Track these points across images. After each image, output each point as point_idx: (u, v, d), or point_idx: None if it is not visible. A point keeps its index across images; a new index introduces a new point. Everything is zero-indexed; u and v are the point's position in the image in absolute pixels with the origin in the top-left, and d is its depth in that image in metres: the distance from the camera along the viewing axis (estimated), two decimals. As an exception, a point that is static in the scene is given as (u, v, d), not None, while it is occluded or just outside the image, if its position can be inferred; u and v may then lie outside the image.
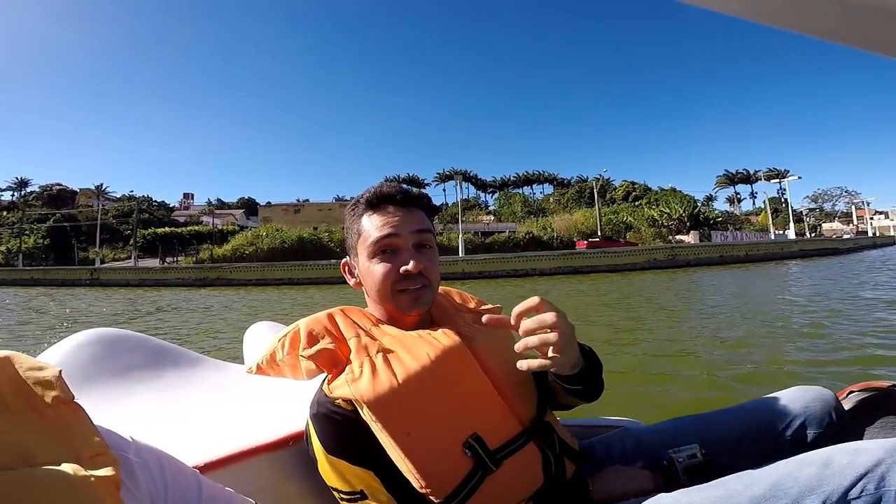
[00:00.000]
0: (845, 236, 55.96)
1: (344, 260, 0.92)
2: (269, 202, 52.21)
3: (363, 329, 0.82)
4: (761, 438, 0.90)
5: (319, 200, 55.16)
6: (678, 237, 37.31)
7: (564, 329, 0.71)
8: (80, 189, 64.00)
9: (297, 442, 0.86)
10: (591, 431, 1.08)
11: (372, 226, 0.83)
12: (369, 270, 0.83)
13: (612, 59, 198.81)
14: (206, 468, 0.73)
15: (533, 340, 0.71)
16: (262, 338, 1.32)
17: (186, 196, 78.16)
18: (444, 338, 0.80)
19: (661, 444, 0.92)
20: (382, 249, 0.82)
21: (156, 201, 67.61)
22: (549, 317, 0.71)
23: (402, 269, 0.81)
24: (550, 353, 0.71)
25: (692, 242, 33.01)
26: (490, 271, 25.30)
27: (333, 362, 0.76)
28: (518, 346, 0.72)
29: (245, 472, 0.78)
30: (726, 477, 0.71)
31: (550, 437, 0.83)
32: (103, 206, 49.35)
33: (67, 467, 0.36)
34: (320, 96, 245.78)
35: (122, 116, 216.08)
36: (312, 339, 0.79)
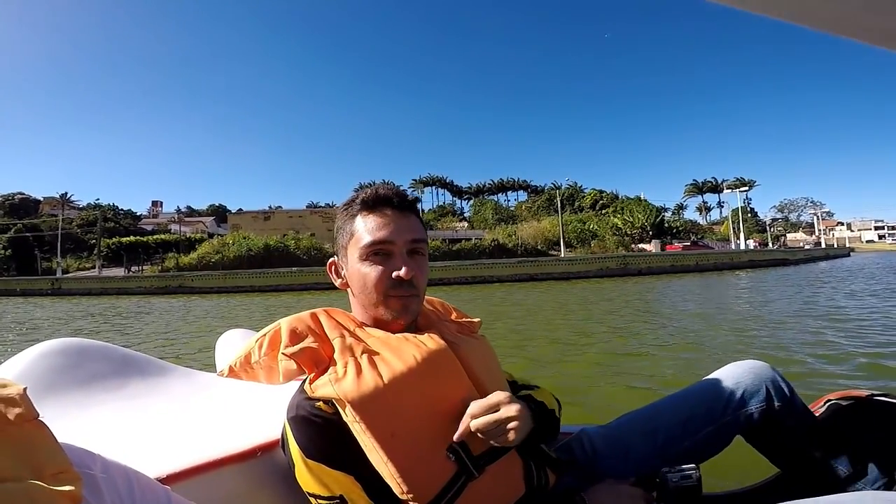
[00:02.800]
0: (806, 246, 57.94)
1: (331, 259, 0.90)
2: (240, 209, 51.72)
3: (348, 330, 0.81)
4: (706, 420, 0.93)
5: (292, 207, 55.03)
6: (640, 245, 38.45)
7: (520, 424, 0.72)
8: (44, 198, 62.55)
9: (266, 452, 0.84)
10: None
11: (366, 227, 0.81)
12: (359, 272, 0.81)
13: (591, 69, 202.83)
14: (171, 479, 0.71)
15: (492, 434, 0.72)
16: (234, 345, 1.32)
17: (155, 204, 77.51)
18: (430, 341, 0.79)
19: (616, 445, 0.95)
20: (375, 252, 0.80)
21: (122, 210, 66.78)
22: (510, 411, 0.72)
23: (395, 274, 0.79)
24: (507, 440, 0.73)
25: (653, 251, 34.18)
26: (450, 278, 25.87)
27: (316, 362, 0.75)
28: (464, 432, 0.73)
29: (213, 484, 0.76)
30: None
31: (532, 446, 0.82)
32: (68, 215, 48.52)
33: (28, 485, 0.36)
34: (295, 103, 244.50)
35: (88, 123, 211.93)
36: (295, 337, 0.77)
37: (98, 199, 63.42)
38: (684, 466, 0.83)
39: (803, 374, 3.89)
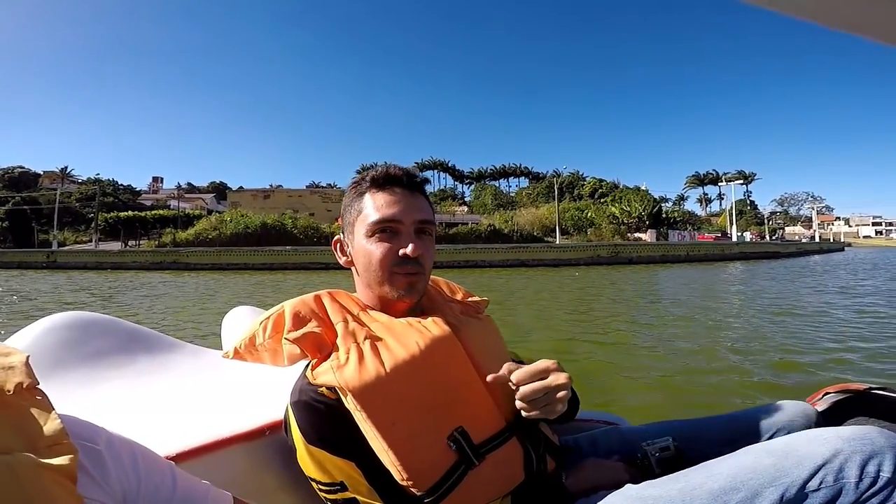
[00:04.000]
0: (803, 240, 57.85)
1: (337, 237, 0.89)
2: (241, 187, 51.73)
3: (351, 314, 0.80)
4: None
5: (293, 187, 54.94)
6: (636, 235, 38.50)
7: (569, 394, 0.72)
8: (44, 172, 62.56)
9: (274, 431, 0.83)
10: (573, 425, 1.07)
11: (375, 205, 0.81)
12: (365, 249, 0.81)
13: (600, 58, 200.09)
14: (180, 458, 0.70)
15: (539, 402, 0.71)
16: (241, 323, 1.31)
17: (156, 180, 77.37)
18: (433, 327, 0.78)
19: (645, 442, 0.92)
20: (383, 229, 0.80)
21: (122, 185, 66.57)
22: (559, 379, 0.71)
23: (401, 251, 0.79)
24: (554, 410, 0.71)
25: (648, 240, 34.31)
26: (442, 261, 25.92)
27: (319, 347, 0.74)
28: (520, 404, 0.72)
29: (220, 462, 0.76)
30: (690, 468, 0.72)
31: (533, 433, 0.82)
32: (67, 189, 48.49)
33: (16, 457, 0.35)
34: (300, 85, 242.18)
35: (91, 100, 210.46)
36: (299, 321, 0.76)
37: (98, 174, 63.57)
38: (661, 439, 0.85)
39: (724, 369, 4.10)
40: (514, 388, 0.72)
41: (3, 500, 0.33)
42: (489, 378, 0.73)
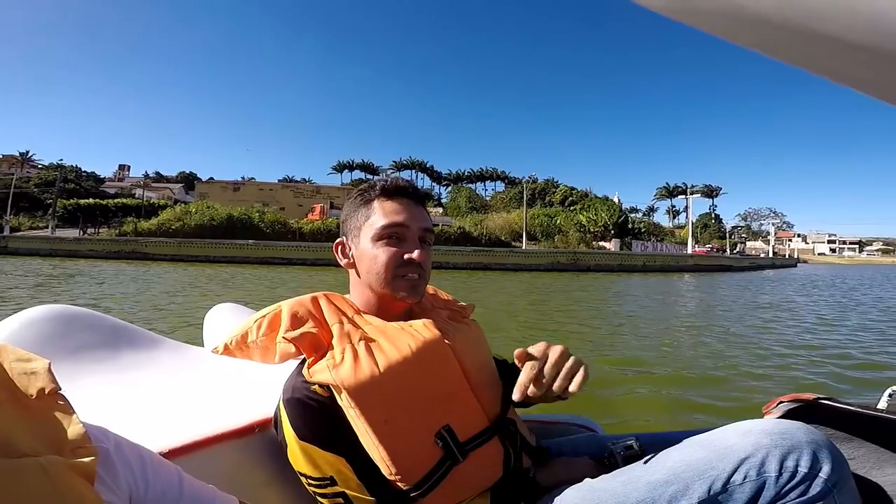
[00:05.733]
0: (761, 255, 60.21)
1: (339, 240, 0.92)
2: (211, 178, 50.89)
3: (346, 316, 0.83)
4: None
5: (265, 180, 54.24)
6: (601, 243, 39.56)
7: (585, 368, 0.75)
8: (3, 156, 60.11)
9: (263, 429, 0.84)
10: (548, 427, 1.11)
11: (384, 211, 0.85)
12: (372, 252, 0.84)
13: (584, 68, 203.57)
14: (170, 454, 0.71)
15: (559, 383, 0.73)
16: (224, 319, 1.32)
17: (122, 168, 75.23)
18: (424, 330, 0.81)
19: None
20: (390, 235, 0.84)
21: (86, 172, 64.26)
22: (571, 362, 0.74)
23: (406, 255, 0.83)
24: (570, 388, 0.73)
25: (612, 249, 35.34)
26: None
27: (315, 347, 0.77)
28: (525, 386, 0.73)
29: (209, 460, 0.76)
30: (635, 463, 0.76)
31: (512, 434, 0.85)
32: (27, 173, 46.71)
33: (47, 459, 0.36)
34: (275, 79, 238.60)
35: (54, 81, 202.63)
36: (296, 321, 0.79)
37: (62, 160, 61.21)
38: (625, 439, 0.90)
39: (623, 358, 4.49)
40: (531, 380, 0.73)
41: (39, 500, 0.35)
42: (515, 397, 0.73)
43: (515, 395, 0.73)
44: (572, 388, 0.73)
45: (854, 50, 0.22)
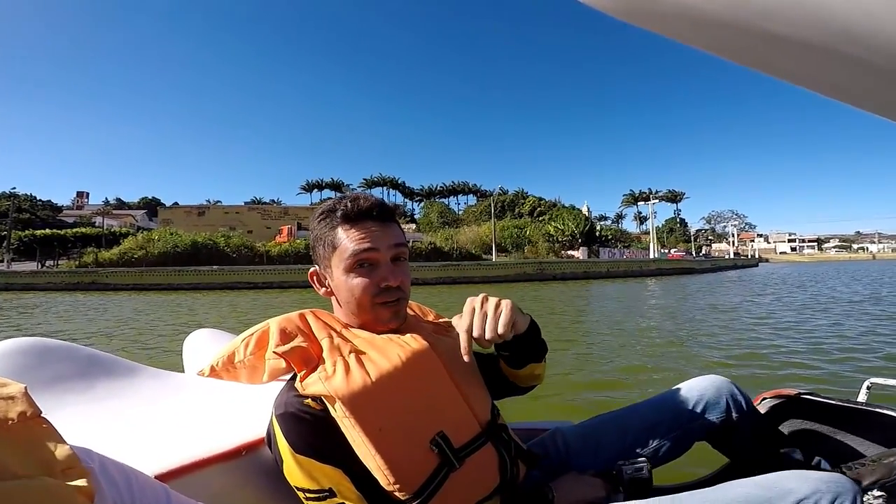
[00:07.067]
0: (727, 256, 62.21)
1: (312, 269, 0.91)
2: (175, 203, 49.79)
3: (335, 330, 0.83)
4: (671, 426, 1.01)
5: (232, 203, 53.47)
6: (569, 252, 40.47)
7: (511, 309, 0.80)
8: (-49, 185, 57.39)
9: (251, 451, 0.83)
10: (530, 433, 1.12)
11: (349, 239, 0.83)
12: (347, 284, 0.83)
13: (552, 81, 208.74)
14: (158, 479, 0.68)
15: (491, 323, 0.78)
16: (203, 345, 1.32)
17: (80, 195, 72.70)
18: (413, 342, 0.82)
19: (587, 443, 1.01)
20: (360, 263, 0.82)
21: (41, 200, 62.45)
22: (492, 304, 0.80)
23: (383, 284, 0.82)
24: (512, 327, 0.79)
25: (580, 258, 36.21)
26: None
27: (305, 361, 0.77)
28: (466, 341, 0.78)
29: (195, 484, 0.75)
30: (680, 494, 0.75)
31: (504, 439, 0.87)
32: (-23, 203, 44.84)
33: (46, 480, 0.36)
34: (238, 98, 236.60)
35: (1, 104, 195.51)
36: (285, 337, 0.80)
37: (14, 188, 59.00)
38: (637, 460, 0.91)
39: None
40: (466, 334, 0.78)
41: None
42: (465, 359, 0.78)
43: (465, 357, 0.78)
44: (500, 329, 0.77)
45: (807, 50, 0.22)
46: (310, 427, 0.73)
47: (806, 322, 7.63)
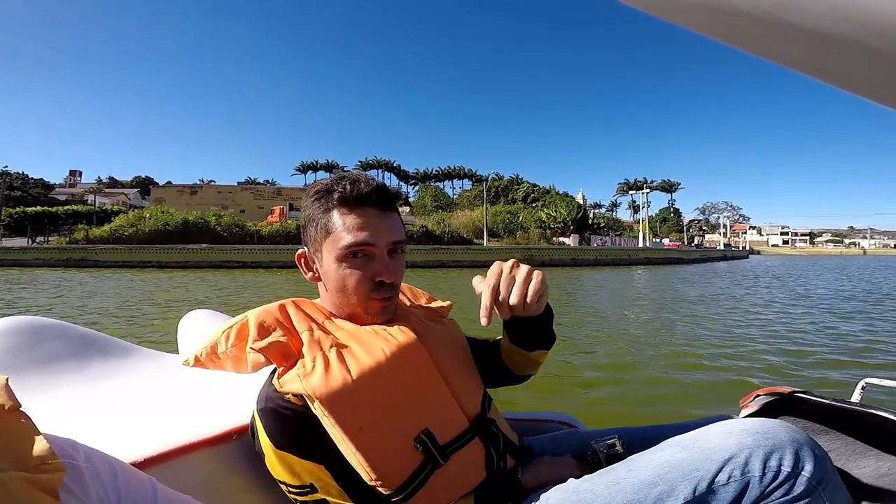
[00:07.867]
0: (717, 248, 62.49)
1: (301, 251, 0.85)
2: (169, 182, 49.42)
3: (316, 322, 0.80)
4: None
5: (226, 183, 53.13)
6: (561, 239, 40.64)
7: (540, 274, 0.75)
8: (-58, 161, 56.75)
9: (241, 435, 0.82)
10: (530, 425, 1.10)
11: (345, 226, 0.78)
12: (337, 273, 0.79)
13: (554, 68, 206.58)
14: (145, 463, 0.69)
15: (520, 290, 0.72)
16: (199, 326, 1.29)
17: (73, 174, 72.41)
18: (399, 334, 0.79)
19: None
20: (354, 254, 0.78)
21: (33, 178, 61.75)
22: (524, 271, 0.74)
23: (378, 278, 0.79)
24: (527, 299, 0.73)
25: (571, 245, 36.47)
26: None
27: (285, 356, 0.74)
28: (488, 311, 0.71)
29: (185, 468, 0.74)
30: (618, 463, 0.74)
31: (494, 433, 0.84)
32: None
33: (8, 474, 0.36)
34: (235, 79, 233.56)
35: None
36: (263, 330, 0.76)
37: (6, 167, 58.36)
38: (606, 438, 0.88)
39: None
40: (491, 292, 0.73)
41: None
42: (483, 322, 0.71)
43: (483, 321, 0.71)
44: (529, 297, 0.73)
45: (836, 45, 0.22)
46: (290, 423, 0.71)
47: (767, 311, 7.80)
